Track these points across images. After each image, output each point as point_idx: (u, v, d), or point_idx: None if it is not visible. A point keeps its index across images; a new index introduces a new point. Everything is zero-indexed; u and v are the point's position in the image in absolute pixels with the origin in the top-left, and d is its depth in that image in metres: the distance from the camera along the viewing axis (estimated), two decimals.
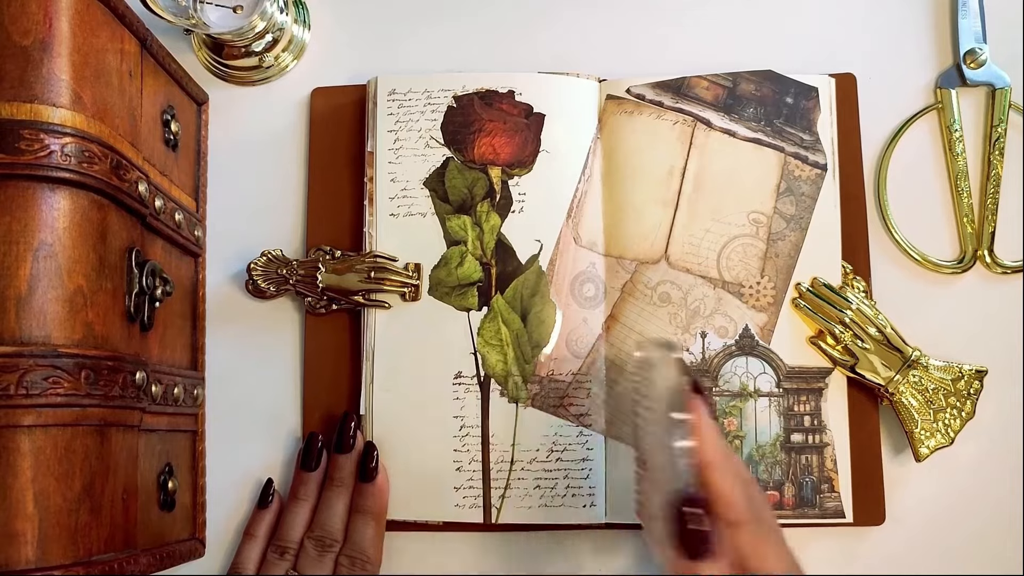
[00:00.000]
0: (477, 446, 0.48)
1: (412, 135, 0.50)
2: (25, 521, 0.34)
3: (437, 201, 0.50)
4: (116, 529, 0.38)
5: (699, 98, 0.51)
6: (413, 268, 0.49)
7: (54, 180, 0.36)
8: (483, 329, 0.49)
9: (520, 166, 0.50)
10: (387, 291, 0.49)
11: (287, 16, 0.52)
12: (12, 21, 0.37)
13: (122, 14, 0.41)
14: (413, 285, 0.49)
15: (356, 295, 0.49)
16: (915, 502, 0.50)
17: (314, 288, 0.49)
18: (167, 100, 0.47)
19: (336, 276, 0.49)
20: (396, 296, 0.49)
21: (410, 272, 0.49)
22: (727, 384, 0.49)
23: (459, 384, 0.48)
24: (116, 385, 0.38)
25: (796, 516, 0.48)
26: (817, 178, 0.50)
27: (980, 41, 0.53)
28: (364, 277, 0.48)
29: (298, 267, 0.49)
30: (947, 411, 0.49)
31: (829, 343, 0.49)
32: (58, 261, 0.36)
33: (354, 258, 0.49)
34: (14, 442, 0.35)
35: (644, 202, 0.50)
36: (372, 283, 0.48)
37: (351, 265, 0.49)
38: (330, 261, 0.49)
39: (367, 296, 0.49)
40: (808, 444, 0.48)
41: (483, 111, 0.50)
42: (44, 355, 0.35)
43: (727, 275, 0.50)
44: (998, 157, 0.52)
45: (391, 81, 0.51)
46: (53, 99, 0.37)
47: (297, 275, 0.49)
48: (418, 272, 0.49)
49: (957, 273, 0.52)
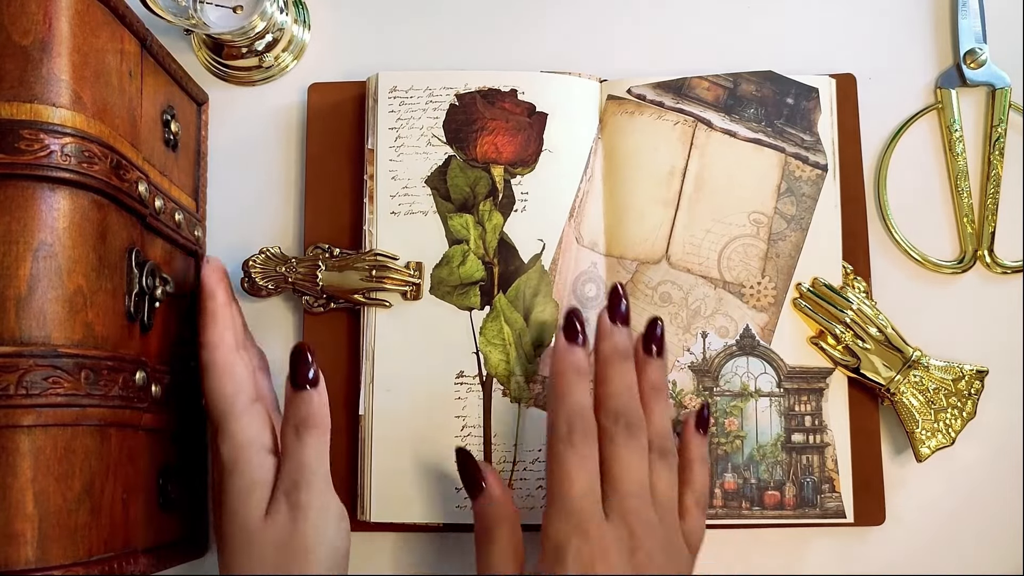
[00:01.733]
0: (479, 446, 0.48)
1: (414, 132, 0.50)
2: (24, 521, 0.34)
3: (439, 199, 0.49)
4: (116, 529, 0.38)
5: (700, 99, 0.50)
6: (414, 267, 0.49)
7: (54, 180, 0.36)
8: (485, 328, 0.48)
9: (523, 165, 0.50)
10: (388, 290, 0.48)
11: (287, 16, 0.52)
12: (12, 21, 0.36)
13: (122, 14, 0.41)
14: (414, 284, 0.48)
15: (357, 294, 0.48)
16: (916, 502, 0.50)
17: (314, 287, 0.48)
18: (167, 100, 0.47)
19: (336, 274, 0.48)
20: (397, 295, 0.49)
21: (411, 271, 0.48)
22: (728, 384, 0.49)
23: (461, 384, 0.48)
24: (116, 385, 0.37)
25: (797, 516, 0.47)
26: (818, 179, 0.50)
27: (980, 41, 0.53)
28: (365, 275, 0.48)
29: (297, 265, 0.49)
30: (948, 411, 0.48)
31: (830, 343, 0.49)
32: (58, 261, 0.36)
33: (354, 256, 0.49)
34: (14, 442, 0.34)
35: (645, 202, 0.50)
36: (373, 282, 0.48)
37: (351, 263, 0.48)
38: (330, 259, 0.49)
39: (367, 295, 0.48)
40: (809, 444, 0.48)
41: (485, 109, 0.50)
42: (44, 355, 0.35)
43: (728, 275, 0.49)
44: (998, 157, 0.52)
45: (392, 78, 0.50)
46: (53, 99, 0.36)
47: (296, 273, 0.48)
48: (419, 271, 0.49)
49: (957, 273, 0.52)
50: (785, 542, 0.49)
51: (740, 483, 0.48)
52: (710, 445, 0.48)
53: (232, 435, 0.41)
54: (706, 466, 0.44)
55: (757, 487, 0.48)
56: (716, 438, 0.48)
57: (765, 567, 0.49)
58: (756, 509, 0.47)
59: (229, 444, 0.41)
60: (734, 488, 0.48)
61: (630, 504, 0.40)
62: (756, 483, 0.48)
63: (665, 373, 0.44)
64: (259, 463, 0.41)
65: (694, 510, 0.43)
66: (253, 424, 0.42)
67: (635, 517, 0.39)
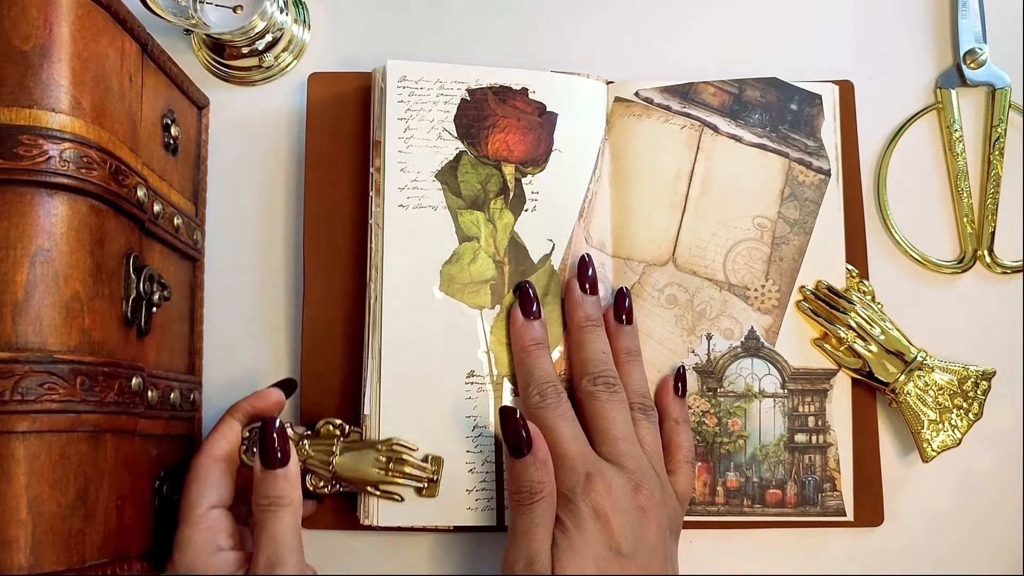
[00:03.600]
0: (490, 447, 0.46)
1: (424, 125, 0.48)
2: (18, 527, 0.33)
3: (449, 195, 0.47)
4: (110, 535, 0.37)
5: (706, 103, 0.50)
6: (432, 460, 0.45)
7: (52, 186, 0.35)
8: (496, 328, 0.47)
9: (534, 164, 0.48)
10: (402, 485, 0.44)
11: (287, 16, 0.51)
12: (13, 26, 0.35)
13: (123, 18, 0.40)
14: (432, 480, 0.44)
15: (370, 486, 0.44)
16: (921, 502, 0.49)
17: (326, 470, 0.44)
18: (167, 104, 0.46)
19: (351, 458, 0.44)
20: (411, 489, 0.45)
21: (430, 465, 0.44)
22: (732, 385, 0.48)
23: (472, 383, 0.46)
24: (112, 391, 0.36)
25: (798, 514, 0.47)
26: (821, 183, 0.49)
27: (980, 41, 0.52)
28: (381, 467, 0.44)
29: (309, 446, 0.44)
30: (953, 412, 0.47)
31: (833, 345, 0.47)
32: (55, 267, 0.35)
33: (370, 440, 0.44)
34: (8, 448, 0.33)
35: (652, 205, 0.49)
36: (388, 475, 0.44)
37: (367, 447, 0.44)
38: (343, 440, 0.45)
39: (380, 488, 0.44)
40: (812, 444, 0.47)
41: (497, 106, 0.48)
42: (40, 361, 0.34)
43: (733, 278, 0.48)
44: (998, 157, 0.51)
45: (402, 67, 0.48)
46: (52, 104, 0.35)
47: (308, 453, 0.44)
48: (438, 466, 0.45)
49: (957, 273, 0.51)
50: (786, 542, 0.48)
51: (742, 481, 0.47)
52: (713, 444, 0.47)
53: (182, 542, 0.40)
54: (688, 426, 0.45)
55: (759, 485, 0.47)
56: (719, 437, 0.47)
57: (766, 567, 0.48)
58: (757, 507, 0.47)
59: (180, 550, 0.40)
60: (736, 486, 0.47)
61: (622, 447, 0.41)
62: (758, 481, 0.47)
63: (637, 339, 0.46)
64: (216, 563, 0.39)
65: (684, 466, 0.44)
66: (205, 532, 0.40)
67: (630, 460, 0.41)
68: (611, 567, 0.38)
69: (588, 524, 0.38)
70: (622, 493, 0.39)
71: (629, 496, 0.39)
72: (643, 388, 0.45)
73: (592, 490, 0.39)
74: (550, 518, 0.40)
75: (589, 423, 0.42)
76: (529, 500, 0.39)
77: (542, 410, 0.42)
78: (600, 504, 0.39)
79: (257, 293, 0.50)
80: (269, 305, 0.50)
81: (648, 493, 0.40)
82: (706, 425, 0.47)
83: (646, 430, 0.43)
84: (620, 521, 0.39)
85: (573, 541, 0.38)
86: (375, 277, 0.46)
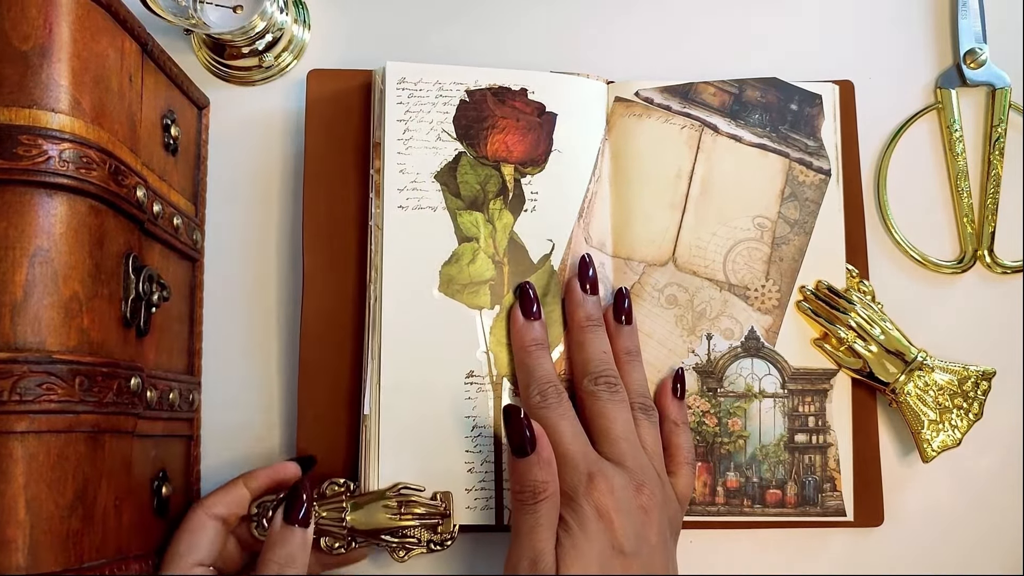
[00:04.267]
0: (490, 447, 0.45)
1: (423, 127, 0.48)
2: (16, 528, 0.33)
3: (448, 196, 0.47)
4: (108, 536, 0.36)
5: (706, 103, 0.49)
6: (441, 497, 0.44)
7: (52, 186, 0.35)
8: (495, 328, 0.46)
9: (533, 165, 0.48)
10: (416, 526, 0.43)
11: (287, 16, 0.50)
12: (12, 26, 0.35)
13: (123, 19, 0.40)
14: (443, 515, 0.44)
15: (386, 534, 0.43)
16: (921, 502, 0.48)
17: (340, 528, 0.43)
18: (168, 105, 0.45)
19: (363, 513, 0.43)
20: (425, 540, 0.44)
21: (438, 502, 0.44)
22: (732, 385, 0.47)
23: (471, 384, 0.46)
24: (110, 392, 0.36)
25: (798, 514, 0.46)
26: (821, 183, 0.49)
27: (980, 41, 0.51)
28: (393, 512, 0.43)
29: (320, 508, 0.43)
30: (953, 412, 0.47)
31: (833, 345, 0.47)
32: (54, 267, 0.34)
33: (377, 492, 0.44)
34: (6, 448, 0.33)
35: (652, 205, 0.48)
36: (401, 519, 0.43)
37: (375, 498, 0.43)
38: (351, 497, 0.44)
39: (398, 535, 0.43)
40: (812, 444, 0.47)
41: (496, 107, 0.48)
42: (38, 361, 0.33)
43: (733, 278, 0.48)
44: (998, 157, 0.51)
45: (401, 68, 0.48)
46: (52, 104, 0.35)
47: (319, 515, 0.43)
48: (448, 502, 0.44)
49: (957, 273, 0.50)
50: (786, 542, 0.48)
51: (742, 481, 0.46)
52: (713, 444, 0.47)
53: None
54: (688, 427, 0.45)
55: (759, 485, 0.47)
56: (719, 437, 0.47)
57: (765, 567, 0.48)
58: (757, 507, 0.46)
59: None
60: (736, 486, 0.46)
61: (623, 447, 0.41)
62: (758, 481, 0.47)
63: (637, 339, 0.46)
64: None
65: (685, 467, 0.44)
66: None
67: (631, 460, 0.41)
68: (614, 566, 0.38)
69: (591, 524, 0.38)
70: (624, 493, 0.39)
71: (631, 496, 0.39)
72: (643, 388, 0.45)
73: (595, 489, 0.39)
74: (553, 518, 0.39)
75: (590, 423, 0.42)
76: (533, 500, 0.39)
77: (543, 410, 0.42)
78: (603, 504, 0.38)
79: (257, 293, 0.50)
80: (268, 305, 0.50)
81: (650, 493, 0.40)
82: (706, 425, 0.47)
83: (647, 430, 0.43)
84: (623, 521, 0.38)
85: (577, 541, 0.38)
86: (375, 278, 0.46)
